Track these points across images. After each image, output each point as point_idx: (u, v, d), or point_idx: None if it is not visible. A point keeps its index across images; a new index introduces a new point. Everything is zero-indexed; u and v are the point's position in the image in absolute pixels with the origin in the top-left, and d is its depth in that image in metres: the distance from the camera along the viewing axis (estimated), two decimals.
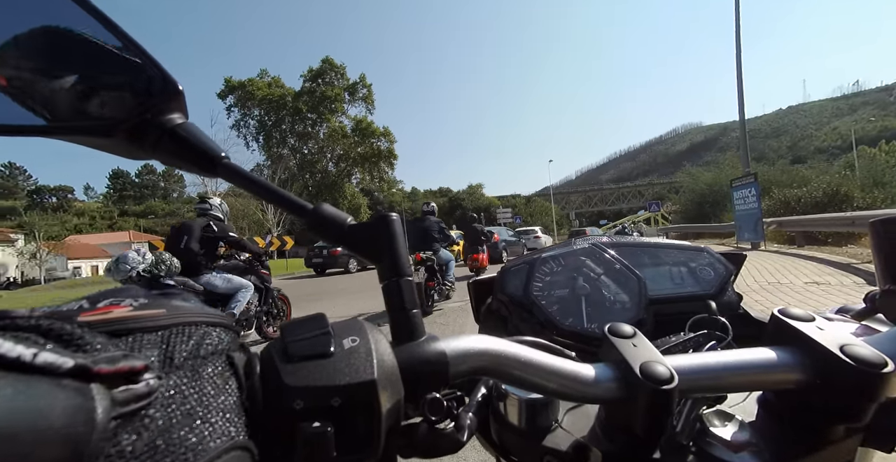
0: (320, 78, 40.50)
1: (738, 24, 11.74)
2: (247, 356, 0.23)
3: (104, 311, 0.20)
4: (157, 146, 0.31)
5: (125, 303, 0.21)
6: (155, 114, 0.30)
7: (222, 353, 0.22)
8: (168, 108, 0.31)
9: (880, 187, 14.12)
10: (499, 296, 0.60)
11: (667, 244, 0.62)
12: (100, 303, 0.21)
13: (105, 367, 0.15)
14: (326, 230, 0.30)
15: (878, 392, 0.28)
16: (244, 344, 0.24)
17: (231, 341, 0.23)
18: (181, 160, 0.31)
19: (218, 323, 0.23)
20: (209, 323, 0.22)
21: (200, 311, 0.22)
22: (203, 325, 0.22)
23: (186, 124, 0.31)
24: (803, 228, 9.86)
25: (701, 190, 21.26)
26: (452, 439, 0.28)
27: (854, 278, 5.10)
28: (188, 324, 0.21)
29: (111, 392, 0.16)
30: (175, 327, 0.20)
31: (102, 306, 0.21)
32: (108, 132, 0.30)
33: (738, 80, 11.87)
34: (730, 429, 0.33)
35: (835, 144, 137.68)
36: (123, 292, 0.23)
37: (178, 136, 0.31)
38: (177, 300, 0.23)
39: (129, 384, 0.16)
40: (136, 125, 0.30)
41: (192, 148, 0.31)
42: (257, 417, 0.21)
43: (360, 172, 41.56)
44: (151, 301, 0.22)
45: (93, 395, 0.15)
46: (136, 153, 0.32)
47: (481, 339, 0.28)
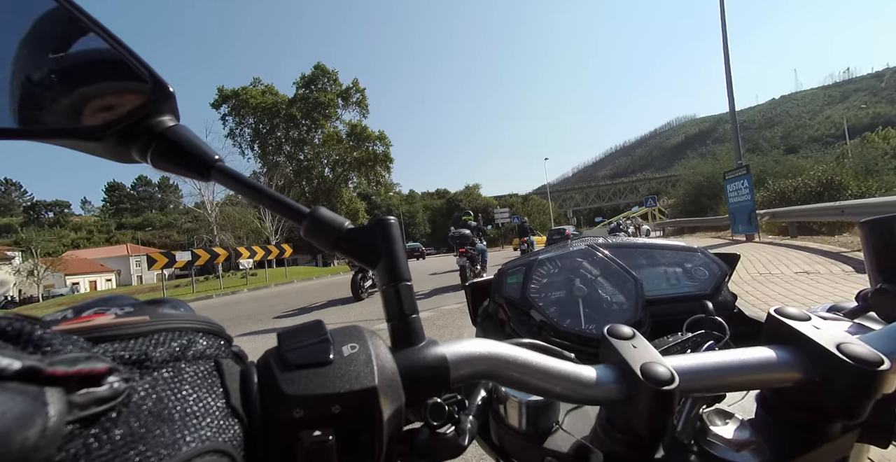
0: (313, 84, 40.49)
1: (724, 16, 11.84)
2: (243, 365, 0.23)
3: (86, 320, 0.20)
4: (147, 150, 0.30)
5: (110, 311, 0.21)
6: (145, 117, 0.30)
7: (208, 358, 0.21)
8: (159, 111, 0.30)
9: (873, 175, 14.18)
10: (496, 298, 0.59)
11: (661, 245, 0.63)
12: (84, 312, 0.21)
13: (61, 368, 0.15)
14: (323, 235, 0.29)
15: (875, 389, 0.28)
16: (240, 353, 0.24)
17: (219, 347, 0.22)
18: (173, 164, 0.30)
19: (205, 329, 0.22)
20: (195, 329, 0.22)
21: (187, 318, 0.22)
22: (188, 332, 0.21)
23: (178, 127, 0.31)
24: (795, 219, 9.93)
25: (697, 183, 21.30)
26: (454, 444, 0.28)
27: (843, 266, 5.17)
28: (171, 330, 0.21)
29: (69, 396, 0.15)
30: (157, 333, 0.20)
31: (86, 315, 0.21)
32: (97, 136, 0.29)
33: (727, 72, 11.95)
34: (730, 427, 0.33)
35: (828, 133, 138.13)
36: (111, 301, 0.23)
37: (170, 139, 0.30)
38: (165, 308, 0.23)
39: (92, 387, 0.16)
40: (126, 128, 0.29)
41: (185, 151, 0.30)
42: (256, 427, 0.21)
43: (357, 177, 41.52)
44: (137, 309, 0.22)
45: (45, 399, 0.14)
46: (127, 157, 0.31)
47: (481, 343, 0.28)
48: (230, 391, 0.21)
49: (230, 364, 0.22)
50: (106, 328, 0.19)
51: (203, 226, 33.74)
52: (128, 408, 0.17)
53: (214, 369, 0.21)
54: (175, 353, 0.20)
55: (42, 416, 0.14)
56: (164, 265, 15.31)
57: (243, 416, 0.20)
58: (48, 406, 0.14)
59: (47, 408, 0.14)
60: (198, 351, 0.21)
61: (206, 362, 0.21)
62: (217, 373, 0.21)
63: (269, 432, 0.21)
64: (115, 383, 0.16)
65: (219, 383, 0.21)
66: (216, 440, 0.18)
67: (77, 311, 0.21)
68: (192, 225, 41.24)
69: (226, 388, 0.20)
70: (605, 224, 34.23)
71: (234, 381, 0.21)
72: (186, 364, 0.20)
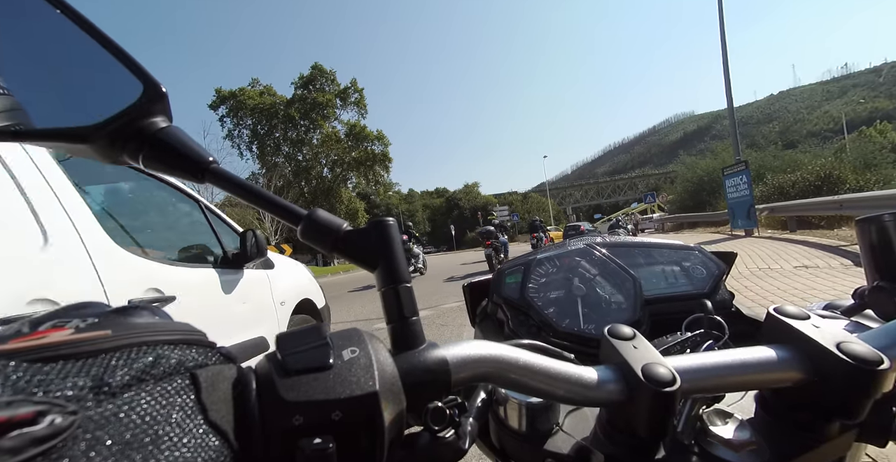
0: (311, 84, 40.40)
1: (721, 12, 11.83)
2: (237, 372, 0.22)
3: (39, 337, 0.18)
4: (139, 151, 0.30)
5: (70, 324, 0.19)
6: (136, 117, 0.29)
7: (182, 373, 0.19)
8: (151, 112, 0.30)
9: (871, 169, 14.19)
10: (495, 298, 0.59)
11: (659, 244, 0.62)
12: (42, 326, 0.19)
13: None
14: (321, 237, 0.29)
15: (875, 388, 0.28)
16: (234, 359, 0.23)
17: (197, 358, 0.20)
18: (166, 166, 0.30)
19: (179, 340, 0.20)
20: (167, 341, 0.20)
21: (159, 329, 0.20)
22: (158, 345, 0.19)
23: (171, 128, 0.30)
24: (794, 213, 9.92)
25: (696, 179, 21.31)
26: (454, 447, 0.27)
27: (842, 260, 5.18)
28: (136, 344, 0.19)
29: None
30: (118, 350, 0.18)
31: (42, 330, 0.19)
32: (86, 137, 0.29)
33: (725, 68, 11.94)
34: (730, 427, 0.33)
35: (826, 128, 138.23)
36: (76, 312, 0.21)
37: (162, 140, 0.29)
38: (135, 317, 0.21)
39: (26, 427, 0.14)
40: (117, 129, 0.29)
41: (178, 153, 0.30)
42: (255, 435, 0.20)
43: (356, 177, 41.43)
44: (102, 320, 0.20)
45: None
46: (119, 159, 0.30)
47: (482, 345, 0.28)
48: (207, 406, 0.19)
49: (214, 373, 0.21)
50: (61, 346, 0.17)
51: None
52: (79, 441, 0.15)
53: (191, 385, 0.19)
54: (140, 371, 0.18)
55: None
56: None
57: (227, 430, 0.19)
58: None
59: None
60: (169, 366, 0.19)
61: (180, 378, 0.19)
62: (194, 388, 0.19)
63: (269, 440, 0.20)
64: (57, 418, 0.15)
65: (194, 399, 0.19)
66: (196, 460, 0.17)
67: (34, 324, 0.19)
68: None
69: (202, 404, 0.19)
70: (603, 221, 34.29)
71: (215, 393, 0.20)
72: (154, 383, 0.18)
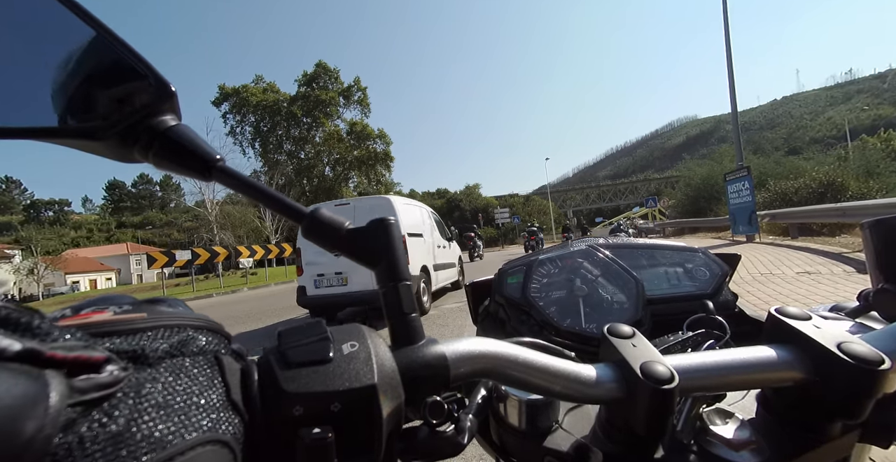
0: (314, 82, 40.40)
1: (727, 17, 11.81)
2: (243, 362, 0.23)
3: (84, 317, 0.20)
4: (149, 149, 0.30)
5: (108, 309, 0.21)
6: (146, 116, 0.30)
7: (208, 353, 0.21)
8: (160, 110, 0.30)
9: (874, 177, 14.17)
10: (496, 298, 0.59)
11: (662, 245, 0.63)
12: (83, 310, 0.21)
13: (60, 353, 0.15)
14: (323, 235, 0.29)
15: (876, 389, 0.28)
16: (240, 351, 0.24)
17: (219, 344, 0.22)
18: (174, 164, 0.31)
19: (204, 326, 0.22)
20: (194, 326, 0.22)
21: (185, 316, 0.22)
22: (187, 328, 0.21)
23: (180, 126, 0.31)
24: (796, 220, 9.91)
25: (697, 184, 21.30)
26: (453, 442, 0.28)
27: (844, 267, 5.17)
28: (169, 326, 0.21)
29: (69, 380, 0.15)
30: (154, 329, 0.20)
31: (84, 313, 0.21)
32: (98, 135, 0.29)
33: (729, 73, 11.93)
34: (730, 427, 0.33)
35: (830, 134, 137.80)
36: (109, 300, 0.23)
37: (171, 138, 0.30)
38: (163, 306, 0.23)
39: (93, 373, 0.16)
40: (128, 128, 0.29)
41: (186, 151, 0.30)
42: (257, 424, 0.21)
43: (358, 176, 41.42)
44: (135, 307, 0.22)
45: (46, 380, 0.14)
46: (128, 156, 0.31)
47: (481, 342, 0.28)
48: (230, 386, 0.21)
49: (230, 361, 0.22)
50: (104, 324, 0.19)
51: (203, 224, 33.77)
52: (128, 396, 0.17)
53: (215, 364, 0.21)
54: (174, 347, 0.20)
55: (43, 398, 0.14)
56: (164, 264, 15.31)
57: (244, 411, 0.21)
58: (49, 388, 0.14)
59: (48, 389, 0.14)
60: (197, 346, 0.21)
61: (205, 357, 0.21)
62: (218, 367, 0.21)
63: (270, 429, 0.21)
64: (115, 371, 0.17)
65: (219, 377, 0.21)
66: (216, 431, 0.19)
67: (75, 309, 0.22)
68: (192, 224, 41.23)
69: (226, 383, 0.21)
70: (605, 224, 34.29)
71: (234, 377, 0.21)
72: (186, 358, 0.20)
